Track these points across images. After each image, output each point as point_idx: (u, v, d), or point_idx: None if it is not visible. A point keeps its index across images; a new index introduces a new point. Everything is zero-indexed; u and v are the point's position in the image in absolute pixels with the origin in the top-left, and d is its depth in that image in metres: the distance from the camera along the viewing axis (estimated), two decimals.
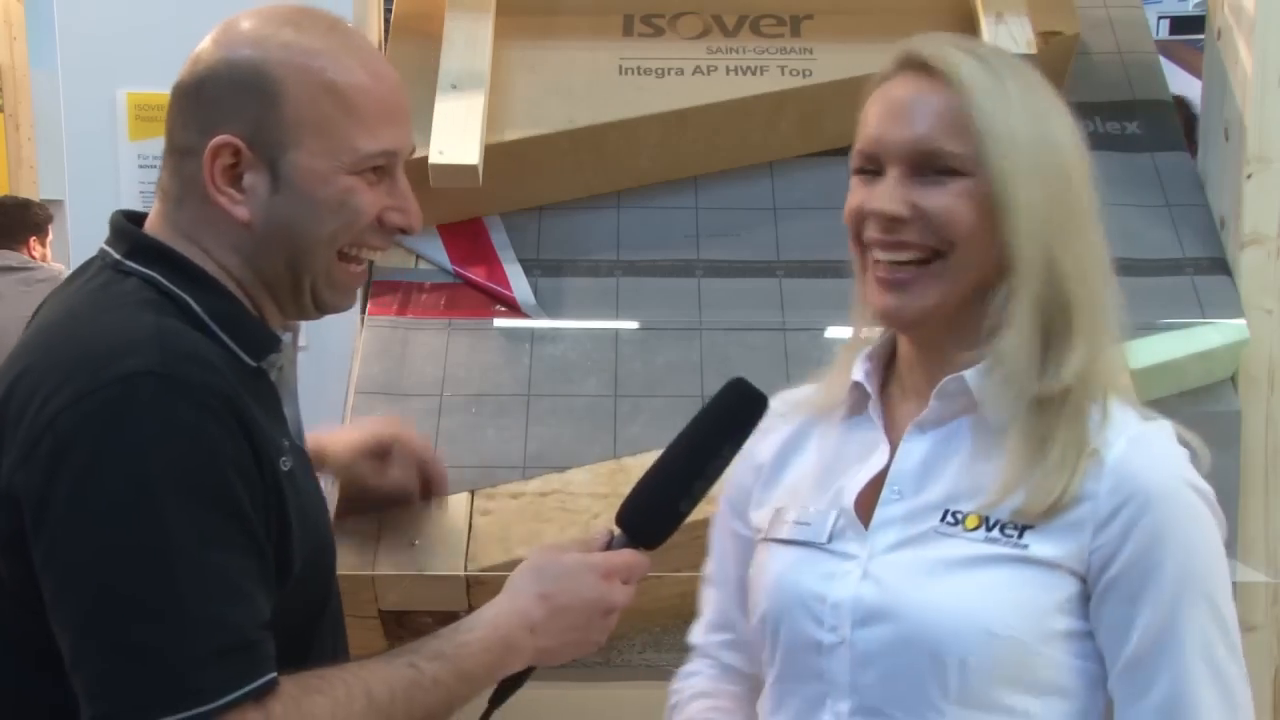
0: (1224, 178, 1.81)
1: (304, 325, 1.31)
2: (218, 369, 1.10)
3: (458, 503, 1.61)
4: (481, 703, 1.25)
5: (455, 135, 1.75)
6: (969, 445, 1.13)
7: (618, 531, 1.27)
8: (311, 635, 1.25)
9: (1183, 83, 2.84)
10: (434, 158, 1.73)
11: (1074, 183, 1.12)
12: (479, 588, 1.55)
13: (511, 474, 1.63)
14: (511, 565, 1.54)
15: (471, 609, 1.54)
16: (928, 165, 1.10)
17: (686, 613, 1.62)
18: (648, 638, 1.63)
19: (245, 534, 1.09)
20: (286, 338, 1.24)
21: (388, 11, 2.01)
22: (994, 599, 1.08)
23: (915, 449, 1.14)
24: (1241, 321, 1.73)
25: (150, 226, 1.21)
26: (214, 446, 1.07)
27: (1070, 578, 1.08)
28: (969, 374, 1.12)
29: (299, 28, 1.18)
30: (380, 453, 1.56)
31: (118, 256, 1.18)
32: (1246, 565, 1.69)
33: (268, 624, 1.09)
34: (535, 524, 1.58)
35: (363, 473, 1.55)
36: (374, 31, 1.94)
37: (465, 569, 1.55)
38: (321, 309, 1.25)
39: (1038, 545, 1.08)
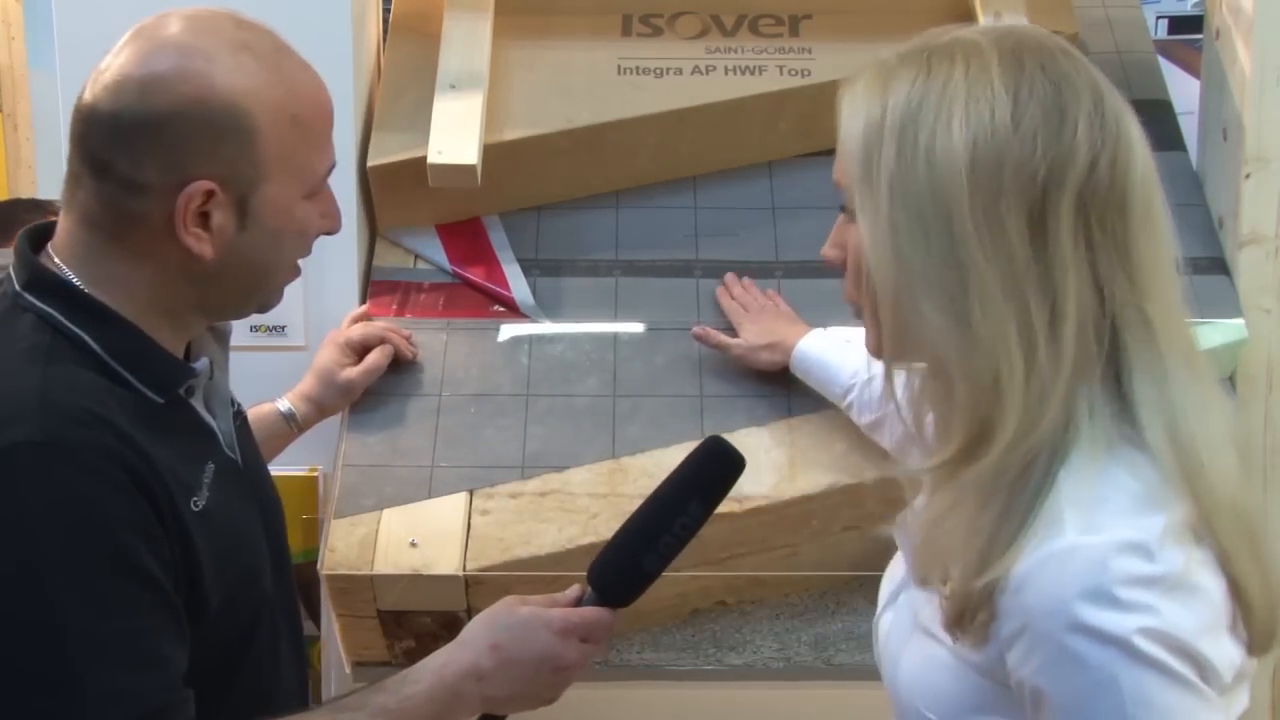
0: (1222, 178, 1.81)
1: (304, 325, 1.30)
2: (107, 423, 1.06)
3: (456, 503, 1.60)
4: None
5: (454, 135, 1.75)
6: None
7: (589, 589, 1.24)
8: (239, 662, 1.22)
9: (1182, 83, 2.83)
10: (433, 158, 1.73)
11: (954, 221, 0.88)
12: (478, 587, 1.55)
13: (510, 474, 1.63)
14: (510, 565, 1.55)
15: (470, 609, 1.55)
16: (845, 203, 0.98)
17: (686, 613, 1.63)
18: (647, 637, 1.63)
19: (151, 591, 1.06)
20: (201, 364, 1.20)
21: (387, 11, 2.01)
22: (924, 679, 1.02)
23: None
24: (1240, 321, 1.72)
25: (60, 248, 1.14)
26: (104, 511, 1.04)
27: (990, 681, 0.96)
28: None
29: (257, 53, 1.13)
30: (360, 350, 1.65)
31: (17, 288, 1.14)
32: None
33: (184, 679, 1.07)
34: (534, 524, 1.58)
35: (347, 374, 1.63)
36: (373, 31, 1.94)
37: (464, 569, 1.55)
38: (263, 311, 1.25)
39: (962, 643, 0.96)
